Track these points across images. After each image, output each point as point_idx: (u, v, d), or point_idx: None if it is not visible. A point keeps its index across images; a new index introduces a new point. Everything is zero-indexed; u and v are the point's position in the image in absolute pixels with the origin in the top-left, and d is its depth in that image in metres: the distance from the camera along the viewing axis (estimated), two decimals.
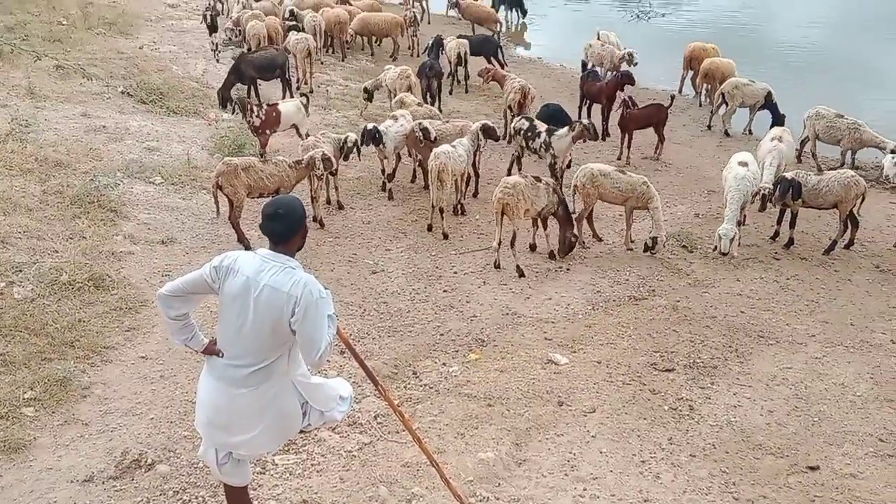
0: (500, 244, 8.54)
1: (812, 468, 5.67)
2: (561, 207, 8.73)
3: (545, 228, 8.93)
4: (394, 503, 5.01)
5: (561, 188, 9.15)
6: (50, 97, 11.84)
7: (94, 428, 5.62)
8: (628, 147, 12.08)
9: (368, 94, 13.26)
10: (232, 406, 3.93)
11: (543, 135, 10.14)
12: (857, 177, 8.99)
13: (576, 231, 8.81)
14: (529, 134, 10.34)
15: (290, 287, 3.77)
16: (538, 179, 8.65)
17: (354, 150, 9.68)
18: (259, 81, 13.53)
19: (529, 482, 5.32)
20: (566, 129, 10.06)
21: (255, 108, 10.45)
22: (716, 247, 8.86)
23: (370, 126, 10.13)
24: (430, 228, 9.44)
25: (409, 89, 12.96)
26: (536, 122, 10.53)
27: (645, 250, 8.91)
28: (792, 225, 9.27)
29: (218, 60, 14.03)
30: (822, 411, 6.37)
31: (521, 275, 8.48)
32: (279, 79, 13.61)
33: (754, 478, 5.50)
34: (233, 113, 12.17)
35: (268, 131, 10.62)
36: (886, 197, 11.30)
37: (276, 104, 10.97)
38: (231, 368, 3.91)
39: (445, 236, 9.27)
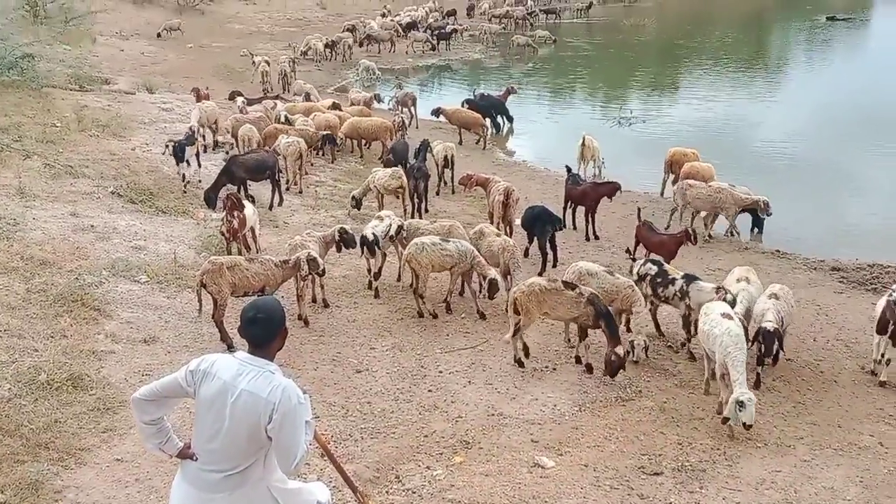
0: (514, 335, 8.51)
1: None
2: (603, 322, 8.19)
3: (582, 338, 8.55)
4: None
5: (689, 340, 8.90)
6: (40, 196, 11.95)
7: None
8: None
9: (356, 202, 13.50)
10: None
11: (680, 282, 9.01)
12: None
13: (619, 350, 8.05)
14: (660, 280, 9.18)
15: (268, 393, 3.72)
16: (570, 287, 8.35)
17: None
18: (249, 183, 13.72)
19: None
20: (712, 287, 8.81)
21: (236, 213, 10.38)
22: (727, 419, 7.24)
23: (367, 233, 10.23)
24: (420, 315, 9.69)
25: (401, 188, 13.24)
26: (668, 267, 9.44)
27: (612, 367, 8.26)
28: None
29: (185, 192, 13.46)
30: None
31: (521, 365, 8.50)
32: (268, 180, 13.77)
33: None
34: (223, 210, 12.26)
35: (238, 235, 10.56)
36: (868, 298, 11.41)
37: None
38: (205, 473, 3.82)
39: (421, 315, 9.66)
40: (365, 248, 10.19)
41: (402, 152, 15.48)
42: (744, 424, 7.08)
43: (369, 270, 10.46)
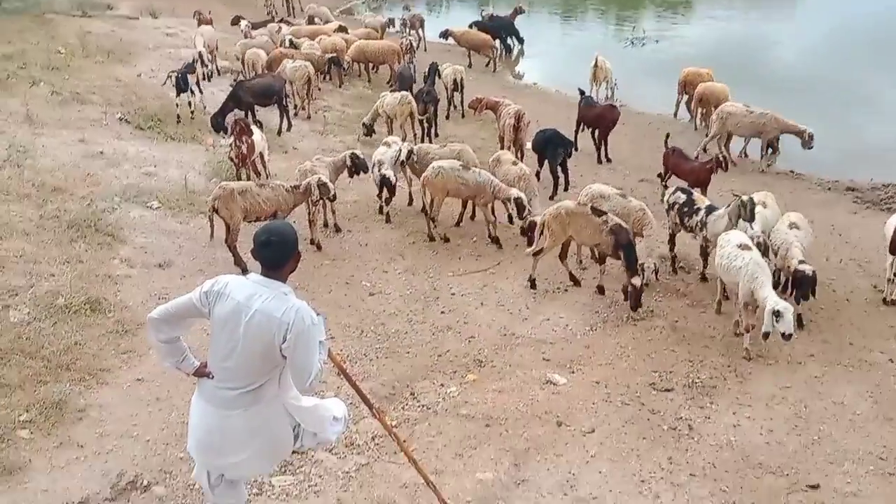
0: (536, 253, 8.59)
1: (812, 487, 5.63)
2: (622, 252, 8.02)
3: (601, 263, 8.54)
4: None
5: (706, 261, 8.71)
6: (48, 124, 11.89)
7: (90, 450, 5.57)
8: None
9: (368, 129, 13.35)
10: (222, 428, 3.90)
11: (702, 213, 8.76)
12: None
13: (636, 281, 7.90)
14: (686, 210, 8.90)
15: (282, 313, 3.74)
16: (598, 213, 8.25)
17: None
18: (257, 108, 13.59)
19: (529, 502, 5.27)
20: (722, 209, 8.65)
21: (245, 138, 10.26)
22: (767, 333, 7.00)
23: (387, 174, 9.99)
24: (431, 238, 9.74)
25: (411, 115, 13.10)
26: (696, 195, 9.15)
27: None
28: None
29: (192, 118, 13.07)
30: (821, 430, 6.34)
31: (533, 286, 8.59)
32: (276, 105, 13.64)
33: (754, 497, 5.46)
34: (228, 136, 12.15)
35: (247, 161, 10.47)
36: (883, 218, 11.32)
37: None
38: (221, 391, 3.88)
39: (432, 238, 9.71)
40: (385, 187, 10.00)
41: (409, 77, 15.21)
42: (782, 335, 6.87)
43: (380, 196, 10.41)
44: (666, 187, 10.14)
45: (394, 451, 5.65)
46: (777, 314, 6.85)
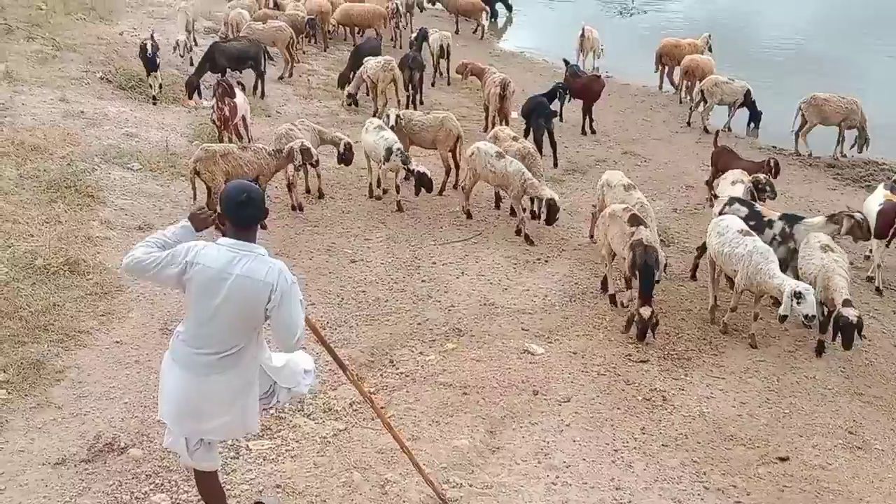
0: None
1: (782, 459, 5.76)
2: (639, 274, 7.14)
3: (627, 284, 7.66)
4: (367, 489, 5.02)
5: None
6: (28, 81, 11.70)
7: (68, 411, 5.58)
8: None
9: (352, 99, 13.24)
10: (203, 393, 3.90)
11: (780, 224, 7.85)
12: None
13: (644, 312, 6.94)
14: (754, 223, 7.76)
15: (265, 274, 3.75)
16: (633, 222, 7.41)
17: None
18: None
19: (503, 469, 5.35)
20: (822, 218, 7.83)
21: (227, 100, 10.12)
22: (784, 316, 6.88)
23: (422, 171, 9.50)
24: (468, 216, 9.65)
25: (394, 81, 12.99)
26: (759, 207, 8.12)
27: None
28: None
29: (154, 104, 12.04)
30: (793, 403, 6.47)
31: (531, 242, 8.93)
32: (252, 69, 13.28)
33: (725, 468, 5.58)
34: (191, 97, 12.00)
35: (229, 124, 10.31)
36: (862, 195, 11.42)
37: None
38: (200, 356, 3.87)
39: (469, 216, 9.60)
40: (422, 185, 9.52)
41: (368, 52, 14.01)
42: (805, 317, 6.68)
43: (417, 193, 9.74)
44: (715, 196, 8.80)
45: (371, 417, 5.70)
46: (798, 296, 6.65)
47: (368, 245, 8.79)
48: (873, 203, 8.65)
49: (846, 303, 6.89)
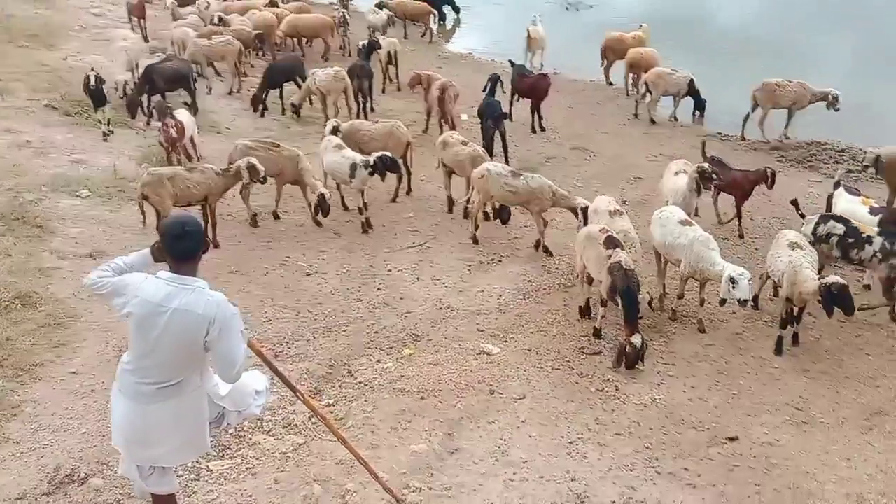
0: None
1: (731, 439, 5.96)
2: (620, 300, 6.78)
3: (602, 305, 7.31)
4: (328, 500, 5.11)
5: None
6: None
7: (26, 446, 5.58)
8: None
9: (295, 109, 13.30)
10: (147, 421, 3.95)
11: (880, 241, 7.53)
12: None
13: (635, 340, 6.66)
14: (852, 241, 7.63)
15: (203, 308, 3.79)
16: (609, 245, 7.08)
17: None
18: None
19: (461, 470, 5.47)
20: None
21: (173, 118, 10.09)
22: (724, 300, 7.14)
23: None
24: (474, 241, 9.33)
25: (345, 91, 13.04)
26: (855, 223, 7.81)
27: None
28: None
29: (105, 140, 11.55)
30: (741, 384, 6.68)
31: (549, 254, 8.93)
32: (184, 88, 13.06)
33: (676, 451, 5.75)
34: (148, 121, 11.84)
35: (177, 144, 10.28)
36: (805, 175, 11.79)
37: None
38: (142, 386, 3.92)
39: (475, 241, 9.30)
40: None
41: (282, 70, 13.99)
42: (739, 301, 6.92)
43: (343, 199, 10.00)
44: (803, 216, 8.32)
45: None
46: (732, 281, 6.86)
47: (323, 257, 8.85)
48: (857, 209, 8.39)
49: (822, 277, 6.96)
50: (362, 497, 5.13)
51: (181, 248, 3.88)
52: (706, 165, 8.82)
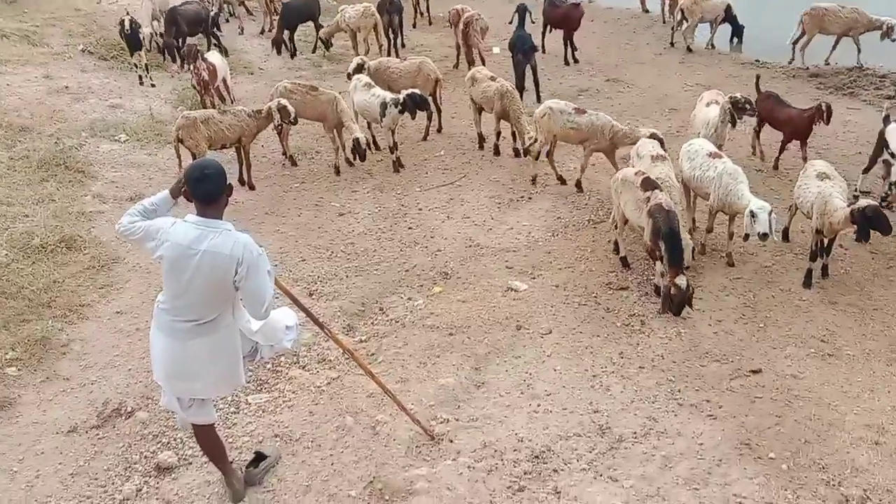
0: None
1: (755, 371, 6.00)
2: (663, 243, 6.53)
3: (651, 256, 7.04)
4: (359, 431, 5.34)
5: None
6: (10, 61, 11.82)
7: (76, 382, 5.92)
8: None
9: (325, 44, 13.26)
10: (186, 356, 4.19)
11: None
12: None
13: (680, 282, 6.40)
14: None
15: (230, 249, 3.95)
16: (647, 186, 6.85)
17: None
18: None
19: (487, 402, 5.66)
20: None
21: (203, 61, 10.18)
22: (747, 234, 7.03)
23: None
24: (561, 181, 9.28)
25: (375, 27, 12.98)
26: None
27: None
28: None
29: (142, 84, 11.72)
30: (768, 317, 6.70)
31: (563, 181, 8.97)
32: (202, 33, 13.11)
33: (699, 384, 5.85)
34: (182, 64, 11.84)
35: (210, 87, 10.38)
36: (845, 103, 11.49)
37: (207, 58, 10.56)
38: (178, 323, 4.14)
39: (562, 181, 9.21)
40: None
41: (297, 9, 13.63)
42: (759, 235, 6.80)
43: (374, 138, 10.06)
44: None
45: None
46: (753, 215, 6.81)
47: (356, 197, 9.00)
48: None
49: (856, 201, 6.83)
50: (392, 428, 5.35)
51: (202, 189, 4.01)
52: (739, 95, 8.62)
